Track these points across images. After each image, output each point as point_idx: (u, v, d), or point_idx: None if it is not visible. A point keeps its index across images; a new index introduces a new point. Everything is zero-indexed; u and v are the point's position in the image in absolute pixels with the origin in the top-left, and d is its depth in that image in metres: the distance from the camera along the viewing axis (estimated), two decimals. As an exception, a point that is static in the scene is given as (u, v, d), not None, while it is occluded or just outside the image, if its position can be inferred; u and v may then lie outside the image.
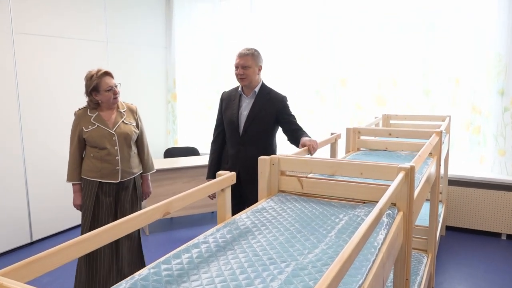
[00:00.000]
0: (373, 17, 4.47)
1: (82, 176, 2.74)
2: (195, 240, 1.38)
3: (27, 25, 3.99)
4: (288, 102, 2.76)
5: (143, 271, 1.14)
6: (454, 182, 4.19)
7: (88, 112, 2.71)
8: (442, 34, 4.20)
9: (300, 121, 4.76)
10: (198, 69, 5.64)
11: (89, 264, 2.78)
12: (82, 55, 4.53)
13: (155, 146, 5.68)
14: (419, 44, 4.31)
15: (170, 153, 5.18)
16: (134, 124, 2.83)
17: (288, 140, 2.72)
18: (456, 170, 4.24)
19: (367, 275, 1.17)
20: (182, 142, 5.82)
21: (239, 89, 2.75)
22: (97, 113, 2.71)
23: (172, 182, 4.43)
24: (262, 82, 2.75)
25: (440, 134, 2.73)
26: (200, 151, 5.24)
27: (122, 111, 2.79)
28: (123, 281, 1.07)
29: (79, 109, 2.76)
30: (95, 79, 2.64)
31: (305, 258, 1.28)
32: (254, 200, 2.50)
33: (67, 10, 4.37)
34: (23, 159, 4.01)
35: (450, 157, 4.10)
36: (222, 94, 2.86)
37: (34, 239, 4.15)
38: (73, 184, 2.75)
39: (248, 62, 2.61)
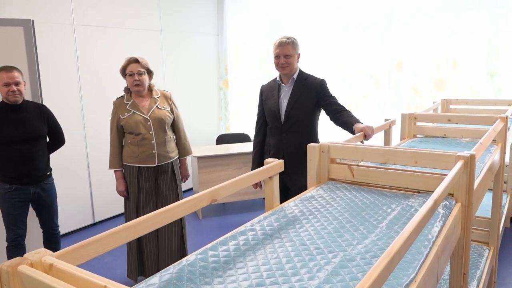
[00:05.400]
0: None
1: (123, 163, 2.88)
2: (242, 228, 1.38)
3: (86, 17, 4.17)
4: (327, 85, 2.72)
5: (190, 257, 1.16)
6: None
7: (125, 101, 2.85)
8: (509, 10, 3.87)
9: (353, 107, 4.64)
10: (249, 56, 5.64)
11: (139, 250, 2.96)
12: (139, 44, 4.68)
13: (208, 133, 5.79)
14: (483, 21, 4.00)
15: (222, 139, 5.25)
16: (169, 109, 2.93)
17: (331, 120, 2.68)
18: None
19: (419, 269, 1.11)
20: (234, 129, 5.88)
21: (277, 79, 2.75)
22: (132, 100, 2.84)
23: (224, 168, 4.50)
24: (300, 69, 2.73)
25: (505, 119, 2.54)
26: (251, 138, 5.26)
27: (156, 97, 2.90)
28: (171, 266, 1.09)
29: (117, 99, 2.91)
30: (125, 63, 2.81)
31: (353, 249, 1.24)
32: (298, 188, 2.49)
33: (123, 2, 4.52)
34: (85, 150, 4.27)
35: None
36: (261, 87, 2.88)
37: (96, 220, 4.44)
38: (115, 171, 2.90)
39: (289, 51, 2.61)
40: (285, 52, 2.60)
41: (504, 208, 3.56)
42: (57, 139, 3.02)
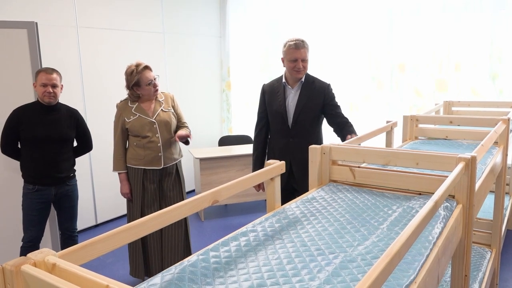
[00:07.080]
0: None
1: (127, 165, 2.88)
2: (243, 229, 1.39)
3: (90, 19, 4.19)
4: (332, 91, 2.70)
5: (191, 258, 1.16)
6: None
7: (129, 104, 2.84)
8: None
9: (355, 109, 4.63)
10: (252, 58, 5.65)
11: (143, 249, 2.96)
12: (141, 47, 4.70)
13: (210, 135, 5.80)
14: (486, 23, 4.00)
15: (225, 141, 5.26)
16: (173, 111, 2.95)
17: (334, 131, 2.68)
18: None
19: (419, 270, 1.12)
20: (236, 130, 5.89)
21: (283, 80, 2.66)
22: (137, 103, 2.84)
23: (226, 170, 4.51)
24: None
25: (507, 121, 2.54)
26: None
27: (160, 100, 2.91)
28: (173, 267, 1.10)
29: (121, 101, 2.90)
30: (135, 74, 2.75)
31: (354, 250, 1.24)
32: (307, 190, 2.49)
33: (126, 4, 4.54)
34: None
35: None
36: (263, 87, 2.78)
37: (99, 222, 4.46)
38: (119, 173, 2.90)
39: (306, 55, 2.55)
40: (303, 56, 2.52)
41: (506, 210, 3.55)
42: (84, 145, 3.05)
